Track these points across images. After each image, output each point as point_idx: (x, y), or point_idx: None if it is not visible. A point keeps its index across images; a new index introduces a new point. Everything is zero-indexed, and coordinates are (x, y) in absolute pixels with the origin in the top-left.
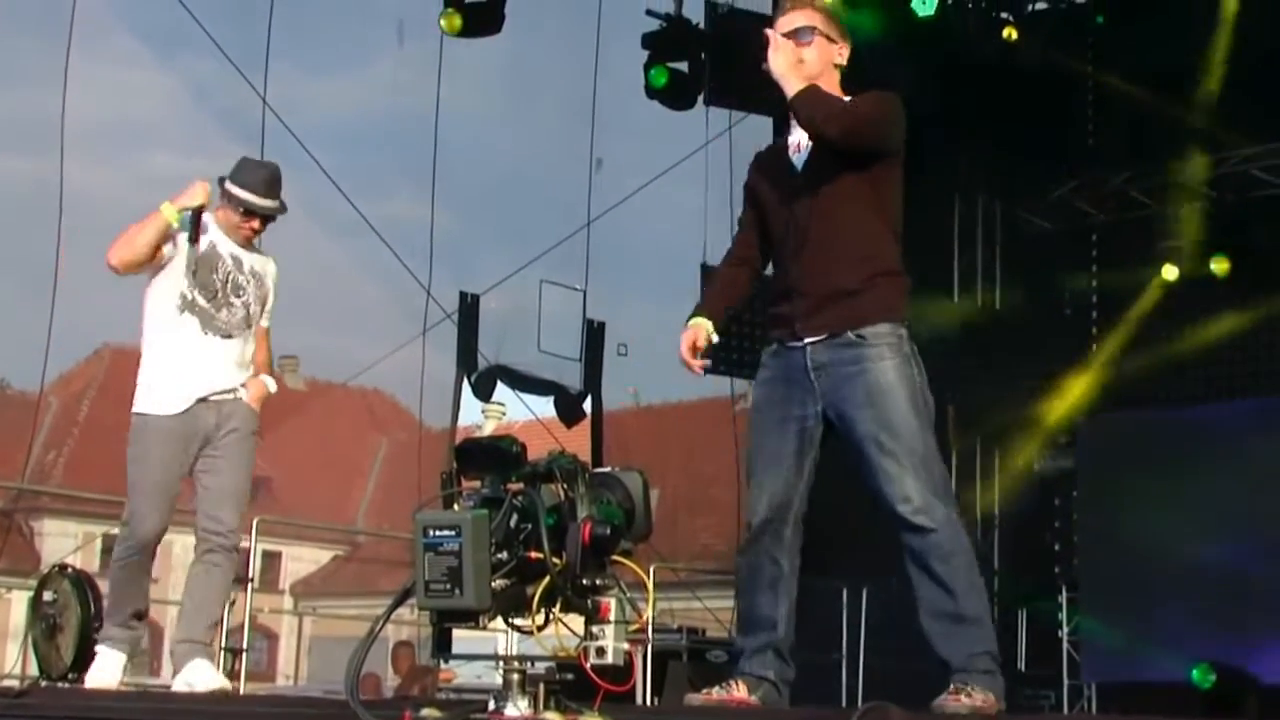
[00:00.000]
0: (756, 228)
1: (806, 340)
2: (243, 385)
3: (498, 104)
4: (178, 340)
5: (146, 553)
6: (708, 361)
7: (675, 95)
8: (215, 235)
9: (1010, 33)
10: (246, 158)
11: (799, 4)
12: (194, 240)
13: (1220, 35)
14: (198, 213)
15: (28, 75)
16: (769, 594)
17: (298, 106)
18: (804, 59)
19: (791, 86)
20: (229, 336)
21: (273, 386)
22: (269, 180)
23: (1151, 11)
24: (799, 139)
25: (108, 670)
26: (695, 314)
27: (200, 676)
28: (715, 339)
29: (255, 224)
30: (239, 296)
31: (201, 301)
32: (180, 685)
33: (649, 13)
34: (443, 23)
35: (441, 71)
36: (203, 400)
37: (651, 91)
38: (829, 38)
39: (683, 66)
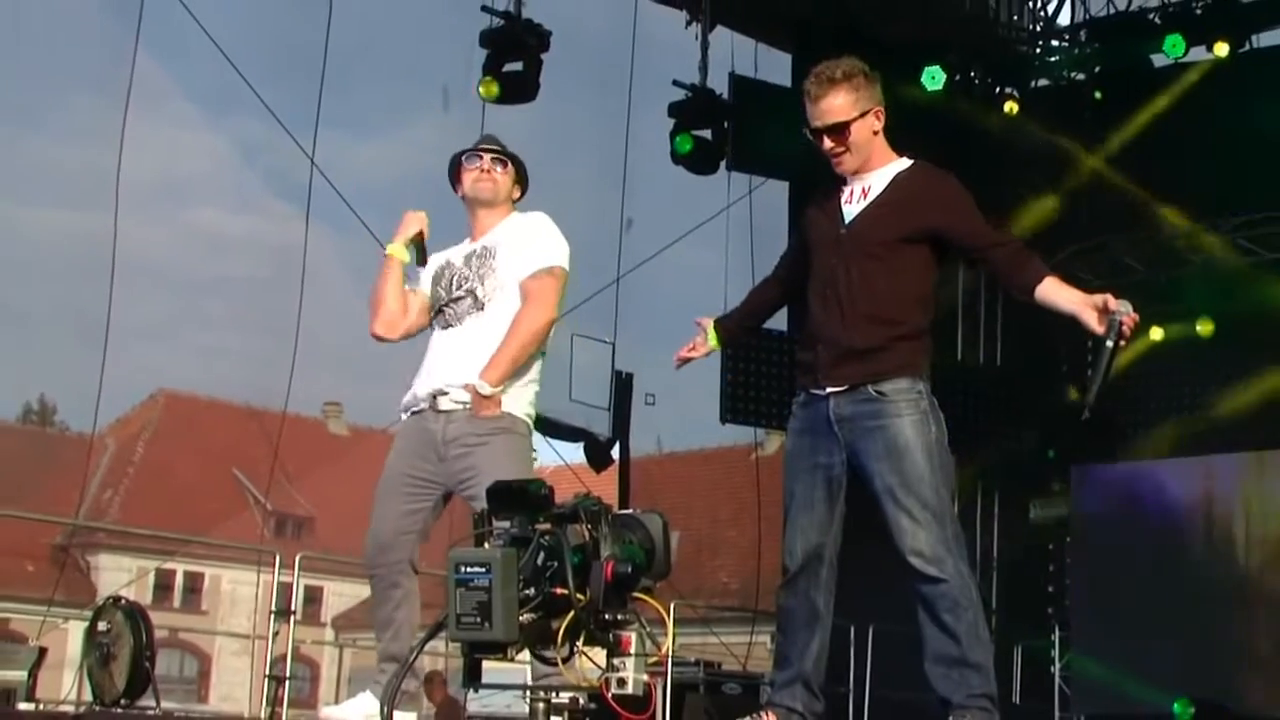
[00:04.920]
0: (799, 259)
1: (828, 390)
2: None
3: (533, 167)
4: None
5: (380, 569)
6: (688, 359)
7: (699, 161)
8: (453, 249)
9: (1011, 107)
10: None
11: (826, 88)
12: (421, 262)
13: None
14: (419, 239)
15: (86, 134)
16: (804, 631)
17: (343, 167)
18: (850, 148)
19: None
20: (448, 327)
21: (486, 389)
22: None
23: (1146, 90)
24: (857, 188)
25: (346, 708)
26: (716, 320)
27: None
28: (715, 348)
29: (475, 169)
30: (463, 285)
31: (442, 307)
32: None
33: (675, 83)
34: (481, 90)
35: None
36: (433, 402)
37: (677, 157)
38: (862, 114)
39: (706, 134)
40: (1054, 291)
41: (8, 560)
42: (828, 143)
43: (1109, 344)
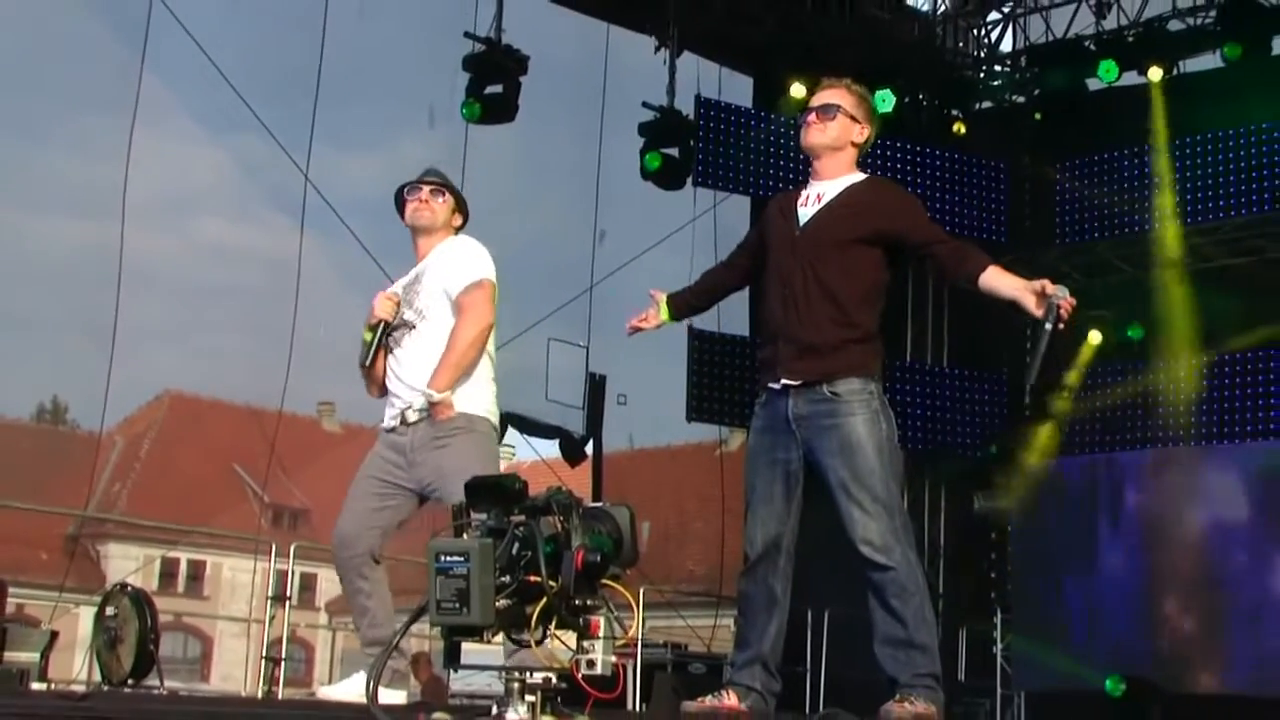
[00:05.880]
0: (756, 251)
1: (784, 382)
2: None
3: (513, 183)
4: None
5: (345, 562)
6: (639, 328)
7: (667, 177)
8: (404, 278)
9: (959, 128)
10: None
11: (833, 84)
12: (378, 348)
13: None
14: (385, 326)
15: (95, 150)
16: (763, 615)
17: (335, 181)
18: (825, 130)
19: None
20: (392, 349)
21: (435, 396)
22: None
23: (1081, 112)
24: (813, 193)
25: (341, 687)
26: (669, 295)
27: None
28: (665, 320)
29: (415, 200)
30: (398, 314)
31: (387, 337)
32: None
33: (645, 104)
34: (464, 111)
35: (466, 152)
36: (401, 418)
37: (646, 173)
38: (852, 117)
39: (674, 152)
40: (996, 280)
41: (23, 549)
42: (811, 116)
43: (1047, 326)
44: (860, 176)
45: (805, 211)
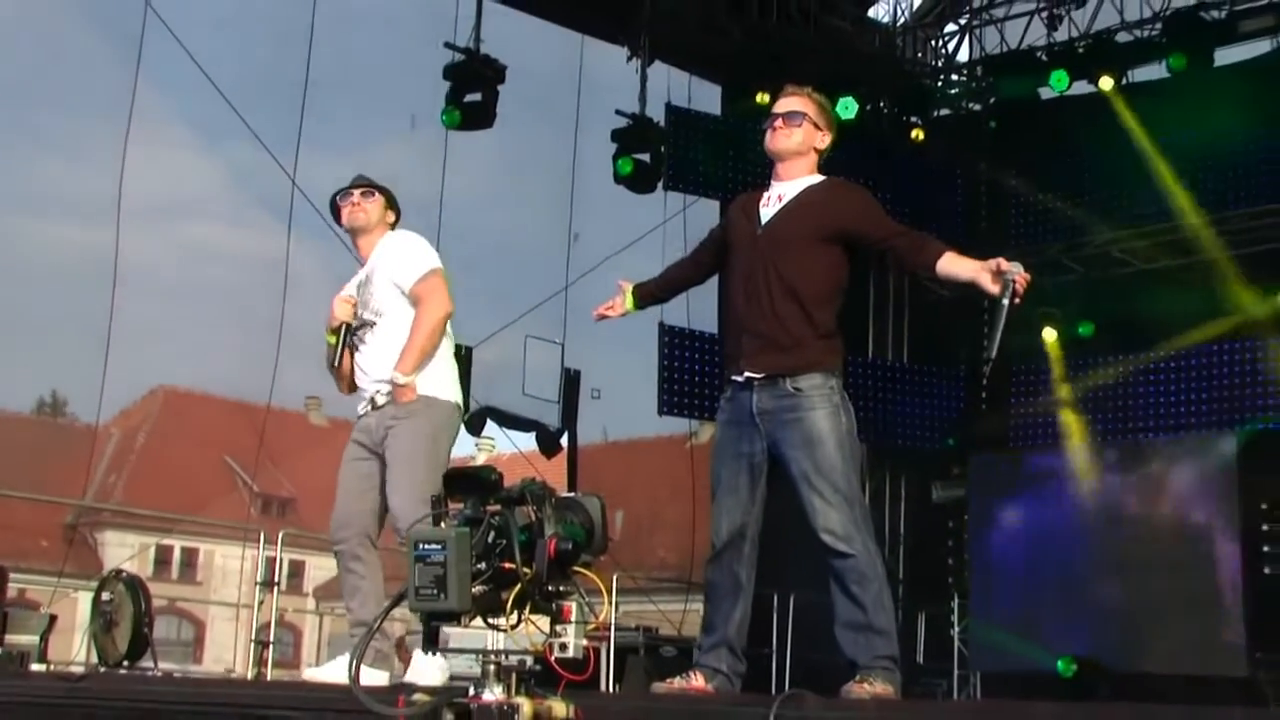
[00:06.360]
0: (719, 248)
1: (748, 375)
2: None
3: (491, 187)
4: None
5: (341, 544)
6: (605, 315)
7: (639, 181)
8: (354, 278)
9: (918, 134)
10: None
11: (797, 92)
12: (341, 348)
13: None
14: (346, 327)
15: (91, 157)
16: (728, 601)
17: (321, 184)
18: (791, 135)
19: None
20: (357, 347)
21: (401, 378)
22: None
23: (1034, 119)
24: (774, 194)
25: (327, 669)
26: (634, 285)
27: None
28: (630, 309)
29: (348, 204)
30: (357, 314)
31: (352, 336)
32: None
33: (618, 112)
34: (444, 118)
35: (446, 157)
36: (371, 403)
37: (619, 178)
38: (815, 125)
39: (645, 157)
40: (953, 264)
41: (24, 536)
42: (778, 121)
43: (1004, 302)
44: (819, 178)
45: (766, 211)
